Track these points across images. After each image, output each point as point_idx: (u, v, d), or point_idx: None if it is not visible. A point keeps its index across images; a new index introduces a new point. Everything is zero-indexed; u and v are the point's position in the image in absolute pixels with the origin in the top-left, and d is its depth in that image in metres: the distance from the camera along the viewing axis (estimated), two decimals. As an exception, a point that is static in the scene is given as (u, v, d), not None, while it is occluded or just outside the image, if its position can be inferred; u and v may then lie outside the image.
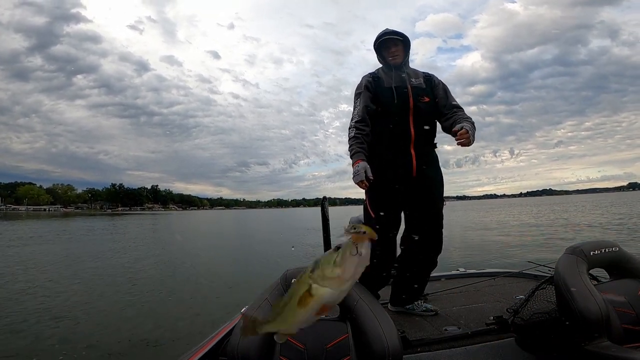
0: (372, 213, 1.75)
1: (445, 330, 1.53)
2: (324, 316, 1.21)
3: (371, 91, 1.80)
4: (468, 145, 1.60)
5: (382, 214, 1.73)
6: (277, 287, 1.07)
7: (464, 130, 1.59)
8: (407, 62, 1.86)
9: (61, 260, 9.41)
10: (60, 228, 23.58)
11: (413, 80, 1.79)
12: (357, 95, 1.83)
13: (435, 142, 1.85)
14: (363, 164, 1.61)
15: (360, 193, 1.76)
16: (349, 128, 1.78)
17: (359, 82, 1.85)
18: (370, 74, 1.89)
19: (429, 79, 1.84)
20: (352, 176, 1.62)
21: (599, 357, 1.04)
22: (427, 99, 1.76)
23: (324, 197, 2.03)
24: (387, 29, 1.84)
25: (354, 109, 1.81)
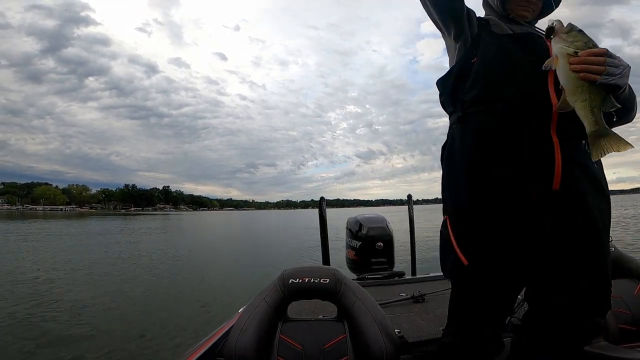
0: (463, 258, 0.87)
1: (443, 330, 1.53)
2: (321, 317, 1.23)
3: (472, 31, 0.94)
4: None
5: (488, 261, 0.85)
6: (275, 287, 1.09)
7: None
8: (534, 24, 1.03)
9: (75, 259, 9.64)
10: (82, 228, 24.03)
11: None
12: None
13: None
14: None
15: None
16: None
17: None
18: None
19: None
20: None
21: (596, 357, 1.04)
22: None
23: (322, 198, 2.05)
24: None
25: None
